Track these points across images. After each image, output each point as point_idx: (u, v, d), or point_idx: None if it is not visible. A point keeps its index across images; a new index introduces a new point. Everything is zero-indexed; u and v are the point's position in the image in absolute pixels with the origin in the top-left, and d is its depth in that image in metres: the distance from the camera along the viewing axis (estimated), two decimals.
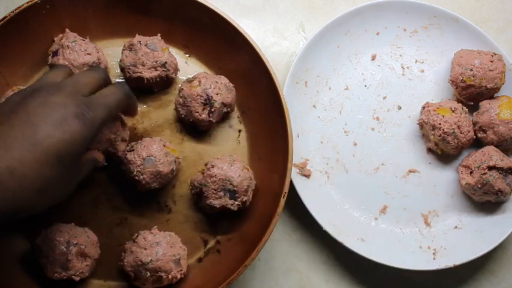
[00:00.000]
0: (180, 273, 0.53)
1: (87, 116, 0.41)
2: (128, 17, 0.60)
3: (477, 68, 0.62)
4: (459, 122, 0.61)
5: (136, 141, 0.54)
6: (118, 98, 0.46)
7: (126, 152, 0.54)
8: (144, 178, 0.53)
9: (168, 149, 0.54)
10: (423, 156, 0.65)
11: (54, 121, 0.39)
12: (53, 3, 0.56)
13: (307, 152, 0.63)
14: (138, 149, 0.53)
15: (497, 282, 0.64)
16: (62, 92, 0.42)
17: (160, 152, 0.53)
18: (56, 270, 0.50)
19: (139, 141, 0.54)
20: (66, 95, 0.42)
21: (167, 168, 0.53)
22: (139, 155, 0.53)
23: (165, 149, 0.54)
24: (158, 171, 0.53)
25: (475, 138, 0.63)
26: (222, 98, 0.56)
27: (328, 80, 0.66)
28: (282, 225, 0.63)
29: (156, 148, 0.53)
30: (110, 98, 0.45)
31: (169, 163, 0.54)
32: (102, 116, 0.43)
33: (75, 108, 0.41)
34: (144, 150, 0.53)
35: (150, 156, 0.52)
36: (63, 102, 0.41)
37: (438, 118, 0.61)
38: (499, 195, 0.60)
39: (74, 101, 0.41)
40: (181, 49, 0.62)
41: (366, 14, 0.66)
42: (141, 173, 0.52)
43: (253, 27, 0.69)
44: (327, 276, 0.62)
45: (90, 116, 0.42)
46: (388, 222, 0.63)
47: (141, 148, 0.53)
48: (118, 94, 0.47)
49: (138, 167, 0.52)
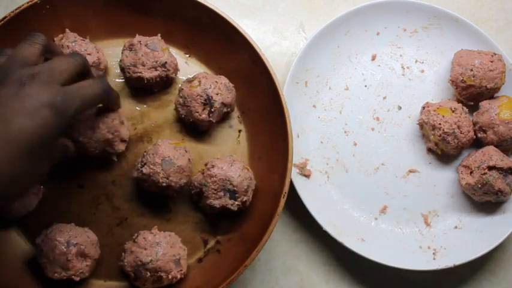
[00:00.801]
0: (180, 273, 0.53)
1: (59, 106, 0.41)
2: (128, 17, 0.60)
3: (477, 68, 0.62)
4: (459, 122, 0.61)
5: (141, 155, 0.54)
6: (95, 93, 0.46)
7: (139, 169, 0.53)
8: (172, 180, 0.52)
9: (173, 144, 0.54)
10: (423, 156, 0.65)
11: (26, 113, 0.39)
12: (53, 3, 0.56)
13: (307, 152, 0.63)
14: (149, 159, 0.53)
15: (497, 282, 0.64)
16: (35, 81, 0.41)
17: (169, 150, 0.53)
18: (56, 270, 0.50)
19: (144, 153, 0.54)
20: (39, 84, 0.41)
21: (184, 161, 0.54)
22: (154, 163, 0.52)
23: (172, 145, 0.54)
24: (179, 167, 0.53)
25: (475, 138, 0.63)
26: (222, 98, 0.56)
27: (328, 80, 0.66)
28: (282, 225, 0.63)
29: (165, 148, 0.53)
30: (87, 91, 0.45)
31: (182, 155, 0.54)
32: (76, 107, 0.43)
33: (48, 97, 0.40)
34: (156, 157, 0.53)
35: (164, 158, 0.52)
36: (35, 92, 0.40)
37: (438, 118, 0.61)
38: (499, 195, 0.60)
39: (47, 91, 0.41)
40: (181, 49, 0.62)
41: (366, 14, 0.66)
42: (166, 178, 0.52)
43: (253, 27, 0.69)
44: (327, 277, 0.62)
45: (62, 106, 0.41)
46: (388, 222, 0.63)
47: (151, 157, 0.53)
48: (96, 89, 0.46)
49: (160, 174, 0.52)
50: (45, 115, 0.40)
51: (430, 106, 0.63)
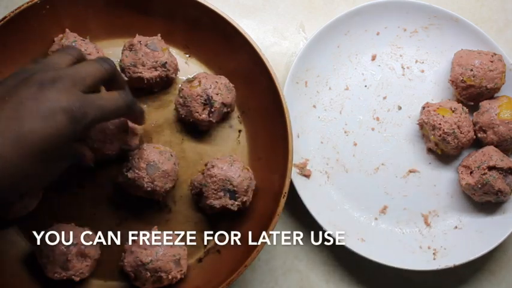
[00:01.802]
0: (180, 273, 0.53)
1: (76, 113, 0.40)
2: (128, 17, 0.60)
3: (477, 68, 0.62)
4: (459, 122, 0.61)
5: (127, 160, 0.54)
6: (117, 106, 0.45)
7: (125, 174, 0.53)
8: (157, 184, 0.52)
9: (159, 148, 0.54)
10: (423, 156, 0.65)
11: (41, 115, 0.39)
12: (53, 3, 0.56)
13: (307, 152, 0.63)
14: (134, 164, 0.53)
15: (497, 282, 0.64)
16: (56, 86, 0.40)
17: (155, 154, 0.53)
18: (56, 270, 0.50)
19: (129, 158, 0.54)
20: (60, 89, 0.40)
21: (170, 165, 0.53)
22: (139, 168, 0.52)
23: (157, 149, 0.54)
24: (164, 171, 0.53)
25: (475, 138, 0.63)
26: (222, 98, 0.56)
27: (328, 80, 0.66)
28: (282, 225, 0.63)
29: (150, 153, 0.53)
30: (108, 102, 0.44)
31: (168, 159, 0.54)
32: (93, 117, 0.42)
33: (66, 104, 0.40)
34: (141, 162, 0.52)
35: (149, 163, 0.52)
36: (55, 97, 0.40)
37: (438, 118, 0.61)
38: (499, 196, 0.60)
39: (66, 96, 0.40)
40: (181, 49, 0.62)
41: (366, 14, 0.66)
42: (151, 182, 0.52)
43: (253, 27, 0.69)
44: (326, 277, 0.62)
45: (78, 114, 0.40)
46: (388, 222, 0.63)
47: (136, 162, 0.53)
48: (119, 102, 0.45)
49: (144, 178, 0.52)
50: (59, 120, 0.39)
51: (430, 106, 0.63)
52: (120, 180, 0.54)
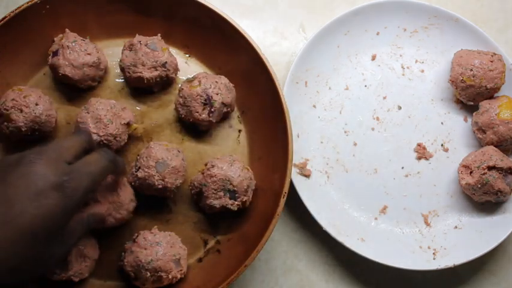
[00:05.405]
0: (180, 273, 0.53)
1: (67, 187, 0.40)
2: (128, 17, 0.60)
3: (477, 68, 0.62)
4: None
5: (135, 160, 0.54)
6: (102, 166, 0.45)
7: (135, 174, 0.53)
8: (168, 181, 0.53)
9: (166, 145, 0.54)
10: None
11: (31, 195, 0.38)
12: (53, 3, 0.56)
13: (307, 152, 0.63)
14: (143, 162, 0.53)
15: (497, 282, 0.64)
16: (43, 159, 0.40)
17: (162, 151, 0.53)
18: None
19: (137, 157, 0.54)
20: (47, 162, 0.40)
21: (178, 161, 0.54)
22: (148, 167, 0.52)
23: (164, 147, 0.54)
24: (174, 168, 0.53)
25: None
26: (222, 98, 0.56)
27: (328, 80, 0.66)
28: (282, 225, 0.63)
29: (157, 150, 0.53)
30: (94, 165, 0.44)
31: (176, 155, 0.54)
32: (85, 186, 0.42)
33: (55, 179, 0.39)
34: (150, 160, 0.53)
35: (158, 160, 0.53)
36: (43, 171, 0.39)
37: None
38: (499, 195, 0.60)
39: (54, 170, 0.40)
40: (181, 49, 0.62)
41: (366, 14, 0.66)
42: (162, 179, 0.52)
43: (253, 27, 0.69)
44: (326, 276, 0.62)
45: (71, 187, 0.40)
46: (388, 222, 0.63)
47: (145, 160, 0.53)
48: (102, 161, 0.45)
49: (155, 176, 0.52)
50: (51, 197, 0.39)
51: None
52: (130, 180, 0.54)
